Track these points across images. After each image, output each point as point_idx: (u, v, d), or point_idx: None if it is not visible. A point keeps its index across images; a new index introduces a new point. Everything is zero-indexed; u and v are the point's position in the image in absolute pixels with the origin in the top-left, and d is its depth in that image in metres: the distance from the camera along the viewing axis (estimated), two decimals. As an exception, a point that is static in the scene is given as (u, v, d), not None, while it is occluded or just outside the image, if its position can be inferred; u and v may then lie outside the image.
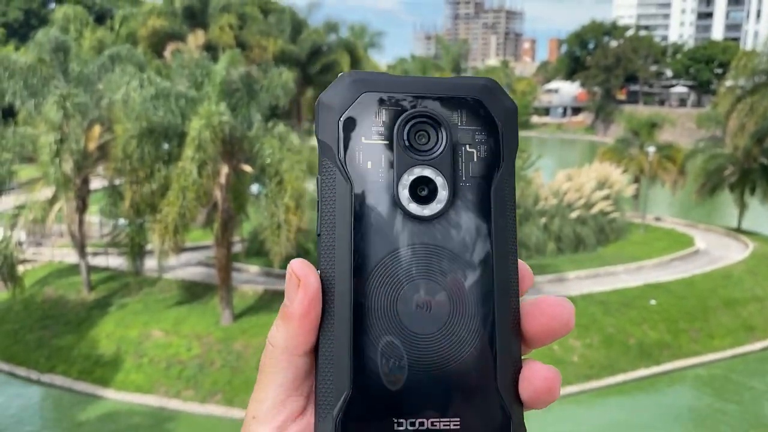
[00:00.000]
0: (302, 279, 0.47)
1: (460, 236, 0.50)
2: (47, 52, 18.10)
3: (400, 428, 0.46)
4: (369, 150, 0.49)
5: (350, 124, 0.49)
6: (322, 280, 0.48)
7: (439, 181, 0.50)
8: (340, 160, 0.49)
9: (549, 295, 0.54)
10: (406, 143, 0.49)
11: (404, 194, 0.49)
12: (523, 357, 0.53)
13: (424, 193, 0.49)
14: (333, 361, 0.47)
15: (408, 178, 0.49)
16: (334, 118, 0.49)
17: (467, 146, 0.51)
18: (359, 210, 0.48)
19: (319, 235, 0.49)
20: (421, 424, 0.46)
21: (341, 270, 0.47)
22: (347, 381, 0.46)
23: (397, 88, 0.50)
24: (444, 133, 0.50)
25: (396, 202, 0.49)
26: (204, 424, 14.26)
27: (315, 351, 0.48)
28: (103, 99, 17.92)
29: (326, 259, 0.48)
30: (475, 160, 0.51)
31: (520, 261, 0.54)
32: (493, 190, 0.51)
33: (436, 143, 0.50)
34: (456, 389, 0.48)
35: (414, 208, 0.49)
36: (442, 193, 0.50)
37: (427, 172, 0.49)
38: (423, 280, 0.48)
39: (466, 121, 0.51)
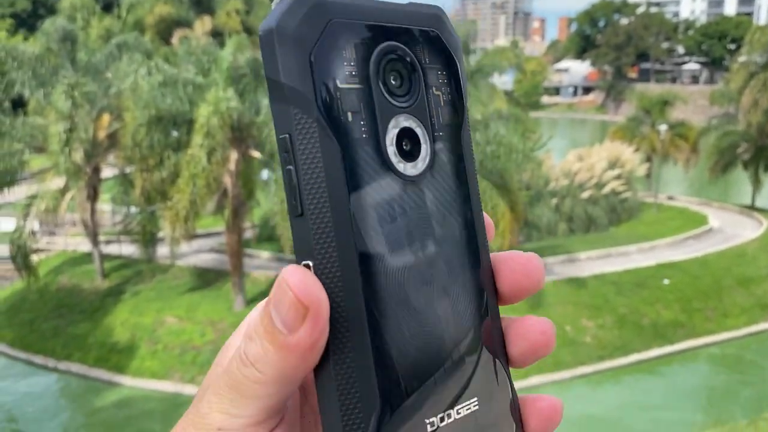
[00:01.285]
0: (310, 307, 0.37)
1: (447, 199, 0.43)
2: (55, 42, 18.11)
3: (432, 428, 0.41)
4: (347, 97, 0.39)
5: (323, 63, 0.38)
6: (319, 278, 0.38)
7: (420, 132, 0.42)
8: (320, 113, 0.38)
9: (517, 250, 0.49)
10: (386, 87, 0.41)
11: (392, 151, 0.40)
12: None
13: (408, 148, 0.41)
14: (355, 383, 0.38)
15: (393, 132, 0.41)
16: (303, 54, 0.37)
17: (434, 89, 0.43)
18: (351, 179, 0.38)
19: (300, 215, 0.38)
20: (449, 415, 0.42)
21: (347, 266, 0.38)
22: (376, 399, 0.38)
23: (362, 15, 0.40)
24: (418, 74, 0.42)
25: (385, 163, 0.40)
26: (219, 409, 14.37)
27: (319, 372, 0.39)
28: (111, 87, 17.94)
29: (322, 251, 0.37)
30: (443, 104, 0.43)
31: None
32: (462, 139, 0.45)
33: (411, 86, 0.42)
34: (469, 371, 0.43)
35: (403, 168, 0.41)
36: (424, 148, 0.42)
37: (410, 123, 0.41)
38: (431, 263, 0.41)
39: (431, 59, 0.43)
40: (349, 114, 0.39)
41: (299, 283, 0.37)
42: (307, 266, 0.38)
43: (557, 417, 0.48)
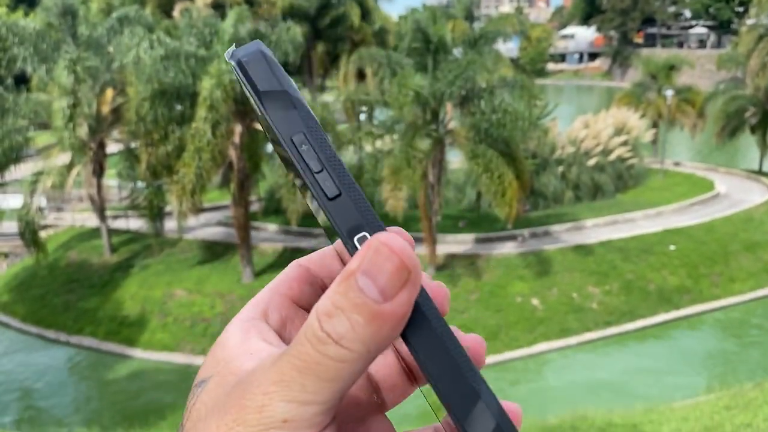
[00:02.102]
0: (413, 271, 0.36)
1: None
2: (55, 17, 18.01)
3: None
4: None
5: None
6: None
7: None
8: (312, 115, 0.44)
9: None
10: None
11: None
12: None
13: None
14: (452, 335, 0.39)
15: None
16: (283, 71, 0.43)
17: None
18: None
19: (338, 195, 0.40)
20: None
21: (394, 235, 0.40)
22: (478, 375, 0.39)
23: None
24: None
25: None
26: (230, 380, 14.56)
27: (419, 335, 0.39)
28: (113, 62, 17.86)
29: (373, 219, 0.40)
30: None
31: None
32: None
33: None
34: None
35: None
36: None
37: None
38: None
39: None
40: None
41: (402, 246, 0.36)
42: (363, 238, 0.40)
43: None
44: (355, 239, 0.40)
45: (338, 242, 0.47)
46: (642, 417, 9.31)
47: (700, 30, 69.93)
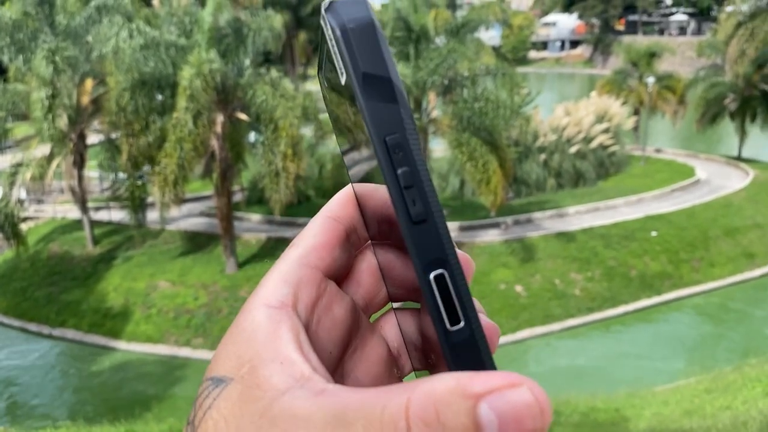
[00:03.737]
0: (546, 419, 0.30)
1: None
2: (32, 6, 17.72)
3: None
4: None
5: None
6: (452, 286, 0.36)
7: None
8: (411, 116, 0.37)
9: None
10: None
11: None
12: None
13: None
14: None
15: None
16: (392, 56, 0.37)
17: None
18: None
19: (424, 220, 0.35)
20: None
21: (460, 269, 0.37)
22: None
23: None
24: None
25: None
26: (215, 371, 14.54)
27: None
28: (92, 52, 17.64)
29: (453, 257, 0.36)
30: None
31: None
32: None
33: None
34: None
35: None
36: None
37: None
38: None
39: None
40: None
41: (545, 402, 0.30)
42: (440, 276, 0.35)
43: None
44: (432, 276, 0.35)
45: (361, 185, 0.44)
46: (624, 401, 9.44)
47: (680, 17, 70.33)
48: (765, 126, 26.06)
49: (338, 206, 0.45)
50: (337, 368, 0.44)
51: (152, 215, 18.73)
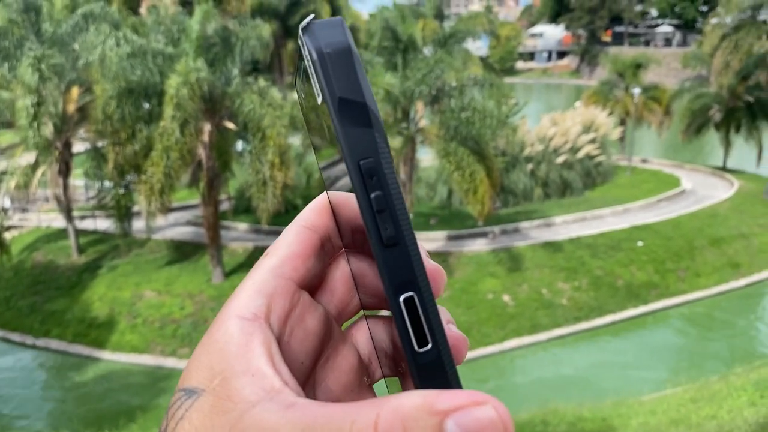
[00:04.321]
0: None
1: None
2: (17, 13, 17.63)
3: None
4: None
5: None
6: (422, 309, 0.37)
7: None
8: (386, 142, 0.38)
9: None
10: None
11: None
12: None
13: None
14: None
15: None
16: (368, 82, 0.37)
17: None
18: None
19: (395, 244, 0.36)
20: None
21: (431, 293, 0.38)
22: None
23: None
24: None
25: None
26: (200, 381, 14.41)
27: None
28: (79, 60, 17.55)
29: (424, 280, 0.37)
30: None
31: None
32: None
33: None
34: None
35: None
36: None
37: None
38: None
39: None
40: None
41: (508, 419, 0.31)
42: (410, 299, 0.36)
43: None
44: (401, 298, 0.36)
45: (336, 193, 0.44)
46: (611, 411, 9.44)
47: (666, 29, 71.07)
48: (749, 137, 26.32)
49: (313, 215, 0.45)
50: (308, 378, 0.44)
51: (138, 224, 18.60)
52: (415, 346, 0.36)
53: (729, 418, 7.82)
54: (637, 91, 27.44)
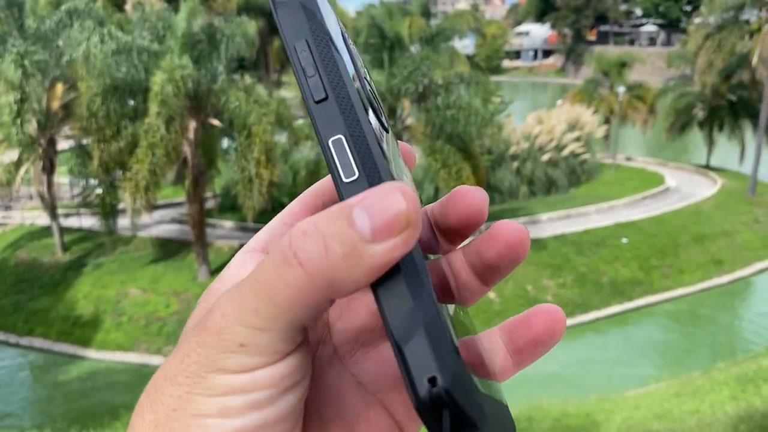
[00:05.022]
0: (411, 226, 0.32)
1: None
2: (0, 9, 17.45)
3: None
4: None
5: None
6: (350, 149, 0.37)
7: None
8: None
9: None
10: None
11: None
12: None
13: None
14: (426, 290, 0.34)
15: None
16: None
17: None
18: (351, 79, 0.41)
19: (324, 99, 0.37)
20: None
21: (373, 142, 0.38)
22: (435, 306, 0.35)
23: None
24: None
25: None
26: (186, 379, 14.38)
27: (391, 289, 0.34)
28: (63, 56, 17.41)
29: (352, 125, 0.37)
30: None
31: None
32: None
33: None
34: None
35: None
36: None
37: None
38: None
39: None
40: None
41: (414, 198, 0.32)
42: (338, 140, 0.36)
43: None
44: (330, 141, 0.36)
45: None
46: (595, 406, 9.52)
47: (650, 28, 71.59)
48: (732, 135, 26.57)
49: (323, 183, 0.48)
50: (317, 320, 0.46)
51: (123, 222, 18.49)
52: (342, 178, 0.36)
53: (710, 412, 7.92)
54: (621, 89, 27.63)
